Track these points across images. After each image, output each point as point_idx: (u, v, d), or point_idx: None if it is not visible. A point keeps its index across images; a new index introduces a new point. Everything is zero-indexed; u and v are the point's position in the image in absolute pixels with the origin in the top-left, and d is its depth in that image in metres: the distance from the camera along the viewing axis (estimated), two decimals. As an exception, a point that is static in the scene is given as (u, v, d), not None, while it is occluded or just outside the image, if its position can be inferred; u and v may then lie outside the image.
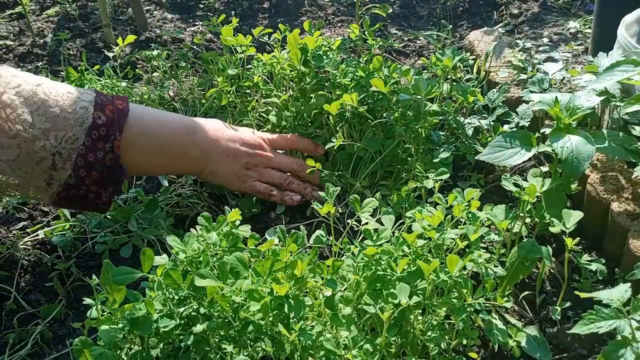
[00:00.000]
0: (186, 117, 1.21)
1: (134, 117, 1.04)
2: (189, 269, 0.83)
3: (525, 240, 0.96)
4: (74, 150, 0.96)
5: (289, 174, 1.25)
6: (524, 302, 1.00)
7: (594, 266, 0.92)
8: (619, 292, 0.66)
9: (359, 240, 0.96)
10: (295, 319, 0.75)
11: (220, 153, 1.17)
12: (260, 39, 1.57)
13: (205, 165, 1.17)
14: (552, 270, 1.07)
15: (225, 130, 1.20)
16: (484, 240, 1.08)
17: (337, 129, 1.31)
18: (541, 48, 1.74)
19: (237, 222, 0.93)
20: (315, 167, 1.11)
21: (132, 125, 1.04)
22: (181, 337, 0.79)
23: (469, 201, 0.97)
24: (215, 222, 0.92)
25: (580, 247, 1.11)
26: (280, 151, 1.29)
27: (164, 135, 1.11)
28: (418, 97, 1.21)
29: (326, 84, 1.31)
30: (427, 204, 1.08)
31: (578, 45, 1.78)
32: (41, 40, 1.98)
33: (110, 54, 1.67)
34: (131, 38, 1.51)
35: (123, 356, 0.78)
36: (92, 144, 0.97)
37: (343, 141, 1.20)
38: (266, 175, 1.22)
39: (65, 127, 0.95)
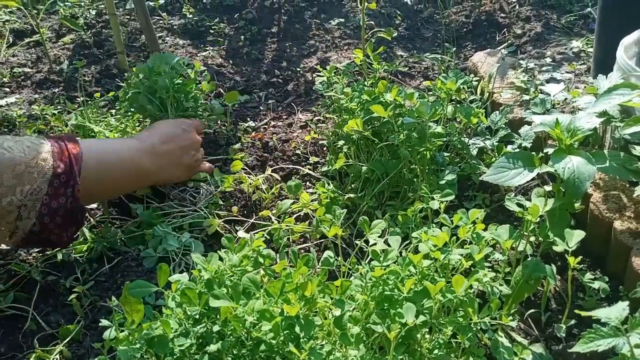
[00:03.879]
0: (131, 138, 1.30)
1: (87, 157, 1.11)
2: (204, 290, 0.86)
3: (529, 259, 0.99)
4: (38, 201, 1.02)
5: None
6: (529, 320, 1.02)
7: (597, 284, 0.94)
8: (617, 311, 0.68)
9: (366, 260, 0.99)
10: (305, 339, 0.78)
11: (169, 161, 1.29)
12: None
13: (160, 175, 1.30)
14: (557, 288, 1.09)
15: (167, 136, 1.30)
16: (489, 259, 1.11)
17: (344, 150, 1.35)
18: (544, 68, 1.78)
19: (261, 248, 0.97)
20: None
21: (88, 165, 1.10)
22: (196, 357, 0.82)
23: (473, 222, 1.00)
24: (237, 244, 0.95)
25: (584, 265, 1.13)
26: None
27: (118, 164, 1.20)
28: (422, 119, 1.25)
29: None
30: (433, 224, 1.11)
31: (581, 64, 1.81)
32: (58, 67, 2.05)
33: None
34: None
35: (140, 375, 0.81)
36: (54, 192, 1.03)
37: (350, 162, 1.24)
38: (201, 152, 1.40)
39: (30, 180, 1.01)
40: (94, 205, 1.36)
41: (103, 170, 1.16)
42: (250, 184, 1.37)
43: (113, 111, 1.63)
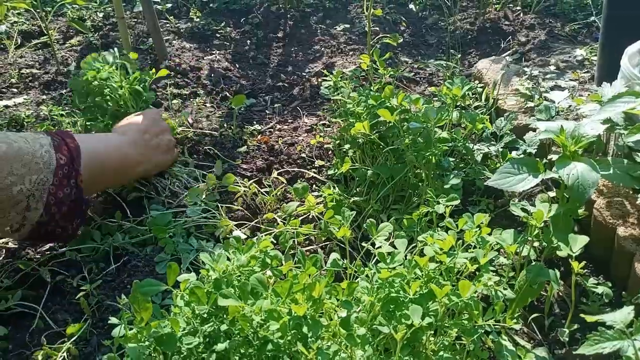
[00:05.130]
0: (112, 133, 1.35)
1: (84, 150, 1.16)
2: (212, 290, 0.87)
3: (533, 263, 1.00)
4: (45, 191, 1.06)
5: None
6: (533, 324, 1.03)
7: (600, 289, 0.95)
8: (623, 315, 0.69)
9: (372, 262, 1.00)
10: (313, 339, 0.79)
11: (151, 148, 1.36)
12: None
13: (146, 164, 1.35)
14: (560, 293, 1.10)
15: (143, 127, 1.36)
16: (493, 264, 1.12)
17: (350, 154, 1.36)
18: (548, 75, 1.79)
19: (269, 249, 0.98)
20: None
21: (84, 158, 1.15)
22: (203, 355, 0.83)
23: (478, 226, 1.01)
24: (245, 245, 0.97)
25: (588, 270, 1.14)
26: None
27: (109, 156, 1.25)
28: (428, 125, 1.26)
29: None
30: (438, 228, 1.12)
31: (585, 72, 1.83)
32: (65, 69, 2.06)
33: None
34: (164, 72, 1.58)
35: (148, 373, 0.82)
36: (59, 182, 1.09)
37: (356, 166, 1.25)
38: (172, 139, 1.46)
39: (36, 170, 1.05)
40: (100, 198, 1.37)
41: (96, 163, 1.20)
42: (246, 192, 1.37)
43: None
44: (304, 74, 2.06)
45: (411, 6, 2.62)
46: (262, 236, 1.21)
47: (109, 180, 1.30)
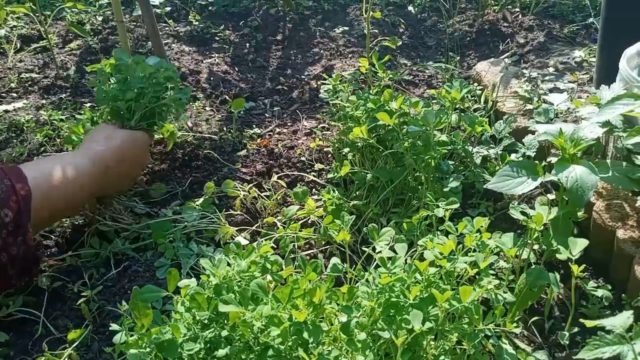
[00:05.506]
0: (83, 156, 1.20)
1: (36, 196, 1.03)
2: (213, 295, 0.87)
3: (533, 266, 1.00)
4: None
5: None
6: (533, 327, 1.03)
7: (600, 292, 0.95)
8: (622, 319, 0.69)
9: (372, 267, 1.00)
10: (313, 344, 0.79)
11: (119, 179, 1.29)
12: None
13: (105, 192, 1.30)
14: (560, 296, 1.10)
15: (123, 154, 1.26)
16: (493, 267, 1.12)
17: (349, 158, 1.37)
18: (547, 77, 1.79)
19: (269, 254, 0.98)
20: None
21: (36, 204, 1.03)
22: (204, 361, 0.83)
23: (478, 230, 1.01)
24: (245, 250, 0.97)
25: (587, 273, 1.14)
26: None
27: (67, 196, 1.12)
28: (427, 128, 1.26)
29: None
30: (438, 231, 1.12)
31: (583, 74, 1.83)
32: (64, 73, 2.06)
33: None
34: None
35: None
36: (3, 243, 0.97)
37: (355, 169, 1.25)
38: None
39: None
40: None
41: (51, 206, 1.09)
42: (245, 197, 1.37)
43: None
44: (303, 76, 2.07)
45: (410, 8, 2.63)
46: (262, 241, 1.21)
47: (61, 217, 1.24)
